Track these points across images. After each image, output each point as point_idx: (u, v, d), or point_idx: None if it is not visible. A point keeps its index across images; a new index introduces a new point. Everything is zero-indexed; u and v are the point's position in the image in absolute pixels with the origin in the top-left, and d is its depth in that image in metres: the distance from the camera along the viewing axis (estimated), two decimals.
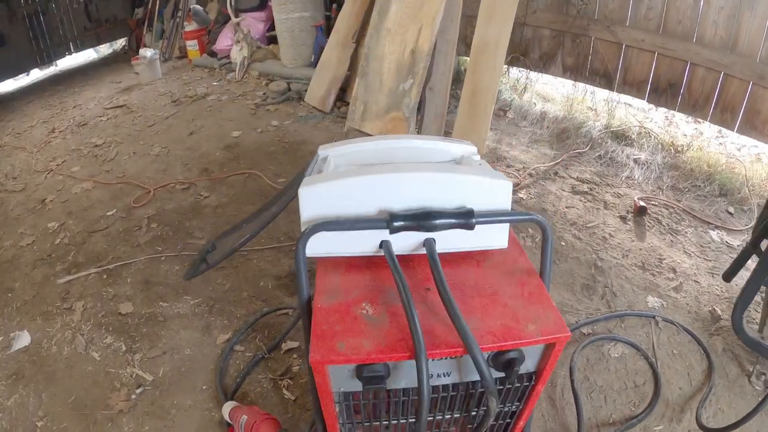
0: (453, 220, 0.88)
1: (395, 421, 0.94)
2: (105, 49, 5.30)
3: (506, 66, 3.57)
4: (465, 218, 0.89)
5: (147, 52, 4.04)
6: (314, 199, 0.90)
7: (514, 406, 0.96)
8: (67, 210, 2.44)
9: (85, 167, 2.85)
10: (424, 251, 0.92)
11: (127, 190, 2.59)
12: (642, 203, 2.34)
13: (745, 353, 1.56)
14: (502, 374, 0.86)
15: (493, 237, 0.96)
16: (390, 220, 0.86)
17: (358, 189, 0.89)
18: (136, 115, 3.51)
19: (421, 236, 0.91)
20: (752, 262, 1.63)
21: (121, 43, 5.28)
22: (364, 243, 0.93)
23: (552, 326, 0.85)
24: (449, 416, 0.95)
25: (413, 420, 0.92)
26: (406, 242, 0.92)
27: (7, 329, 1.76)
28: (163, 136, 3.18)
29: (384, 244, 0.91)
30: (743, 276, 1.67)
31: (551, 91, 3.72)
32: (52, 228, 2.30)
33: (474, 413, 0.95)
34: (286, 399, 1.46)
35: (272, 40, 4.27)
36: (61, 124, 3.46)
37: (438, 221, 0.88)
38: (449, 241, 0.93)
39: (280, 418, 1.41)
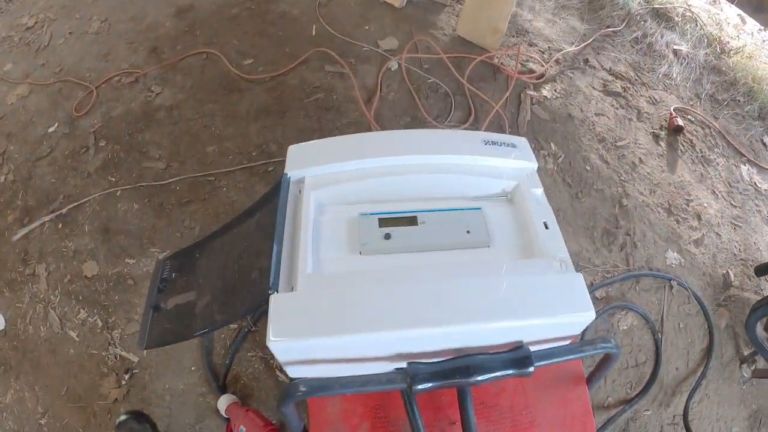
0: (503, 372, 0.61)
1: None
2: None
3: None
4: (520, 367, 0.62)
5: None
6: (296, 351, 0.60)
7: None
8: (6, 130, 1.97)
9: (18, 63, 2.22)
10: None
11: (67, 91, 2.06)
12: (679, 121, 1.98)
13: (744, 334, 1.51)
14: None
15: None
16: (411, 382, 0.59)
17: (360, 345, 0.59)
18: None
19: None
20: None
21: None
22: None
23: None
24: None
25: None
26: None
27: None
28: (101, 4, 2.42)
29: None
30: None
31: None
32: None
33: None
34: (281, 381, 1.38)
35: None
36: None
37: (481, 377, 0.61)
38: None
39: (276, 403, 1.36)
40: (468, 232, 0.70)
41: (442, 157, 0.76)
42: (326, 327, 0.59)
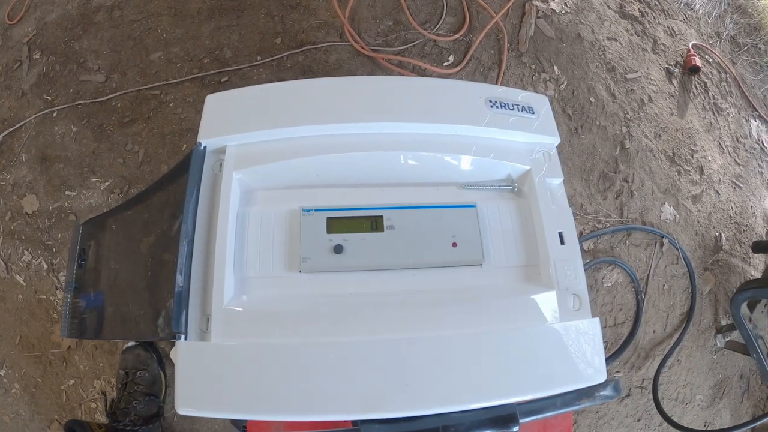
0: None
1: None
2: None
3: None
4: (502, 426, 0.43)
5: None
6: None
7: None
8: None
9: None
10: None
11: None
12: (697, 60, 1.65)
13: (725, 302, 1.37)
14: None
15: None
16: None
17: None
18: None
19: None
20: None
21: None
22: None
23: None
24: None
25: None
26: None
27: None
28: None
29: None
30: None
31: None
32: None
33: None
34: None
35: None
36: None
37: None
38: None
39: None
40: (455, 244, 0.46)
41: (424, 126, 0.50)
42: (249, 404, 0.38)
